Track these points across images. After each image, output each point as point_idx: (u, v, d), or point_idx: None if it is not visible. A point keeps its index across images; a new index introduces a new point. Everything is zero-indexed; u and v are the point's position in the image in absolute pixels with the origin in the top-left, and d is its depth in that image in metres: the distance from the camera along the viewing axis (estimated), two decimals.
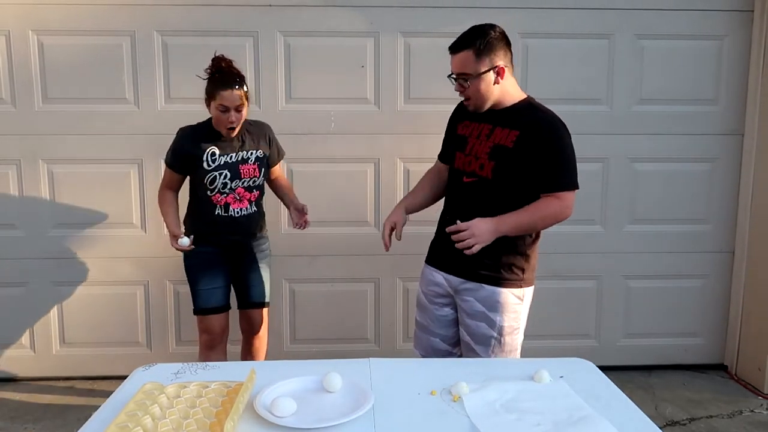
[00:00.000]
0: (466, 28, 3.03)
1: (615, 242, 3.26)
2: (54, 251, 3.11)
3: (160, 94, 3.04)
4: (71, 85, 3.01)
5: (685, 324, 3.35)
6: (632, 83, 3.16)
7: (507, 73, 1.98)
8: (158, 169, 3.08)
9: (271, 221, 3.13)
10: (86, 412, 2.83)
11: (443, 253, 2.11)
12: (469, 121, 2.08)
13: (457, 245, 1.91)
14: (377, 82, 3.10)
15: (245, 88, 2.40)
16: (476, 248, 1.90)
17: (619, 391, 1.55)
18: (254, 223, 2.58)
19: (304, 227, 2.62)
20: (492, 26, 1.99)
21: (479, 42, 1.94)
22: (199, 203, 2.49)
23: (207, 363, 1.70)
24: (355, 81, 3.09)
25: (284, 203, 2.73)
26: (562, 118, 2.01)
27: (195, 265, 2.52)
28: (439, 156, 2.28)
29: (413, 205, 2.24)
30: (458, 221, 1.94)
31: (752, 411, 2.93)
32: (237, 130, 2.43)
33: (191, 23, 3.01)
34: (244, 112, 2.42)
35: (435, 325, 2.15)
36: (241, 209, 2.49)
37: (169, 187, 2.54)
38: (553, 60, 3.12)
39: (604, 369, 1.69)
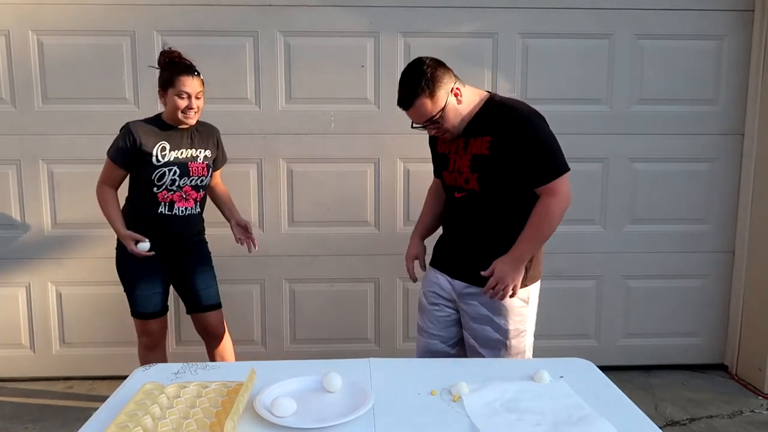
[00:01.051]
0: (466, 28, 3.07)
1: (615, 242, 3.27)
2: (54, 251, 3.12)
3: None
4: (71, 85, 3.02)
5: (685, 324, 3.36)
6: (632, 83, 3.16)
7: (462, 88, 1.94)
8: None
9: (271, 221, 3.14)
10: (86, 412, 2.84)
11: (447, 257, 2.11)
12: None
13: (497, 299, 1.92)
14: (377, 82, 3.10)
15: (201, 78, 2.38)
16: (517, 289, 1.92)
17: (619, 391, 1.54)
18: (196, 223, 2.53)
19: (251, 246, 2.55)
20: (420, 60, 1.92)
21: (424, 83, 1.86)
22: (141, 200, 2.42)
23: (207, 363, 1.70)
24: (355, 81, 3.09)
25: (223, 215, 2.65)
26: (542, 111, 1.94)
27: (132, 269, 2.44)
28: (434, 172, 2.26)
29: (425, 231, 2.28)
30: (482, 273, 1.93)
31: (752, 411, 2.93)
32: (194, 118, 2.38)
33: (191, 23, 3.01)
34: (202, 102, 2.39)
35: (434, 326, 2.14)
36: (186, 208, 2.44)
37: (110, 185, 2.43)
38: (553, 60, 3.12)
39: (604, 369, 1.69)
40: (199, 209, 2.50)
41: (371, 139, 3.13)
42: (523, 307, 2.00)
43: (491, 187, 1.94)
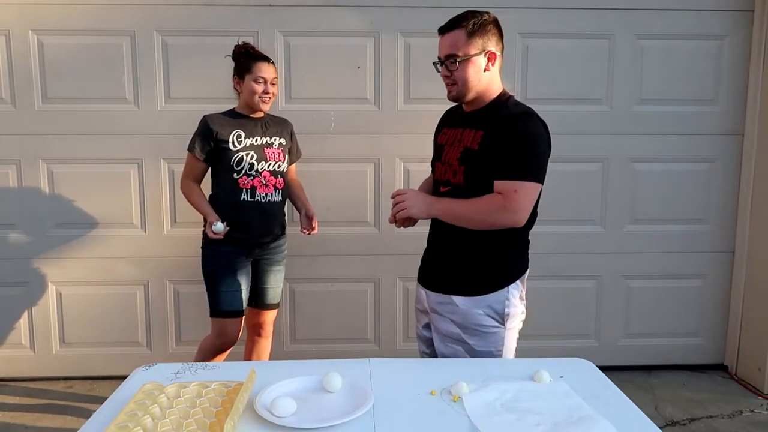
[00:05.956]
0: None
1: (615, 242, 3.26)
2: (54, 251, 3.11)
3: (160, 94, 3.05)
4: (71, 85, 3.02)
5: (685, 324, 3.35)
6: (632, 83, 3.15)
7: (497, 63, 1.84)
8: (158, 169, 3.09)
9: None
10: (86, 412, 2.84)
11: (425, 267, 2.00)
12: (447, 128, 1.97)
13: (392, 210, 1.84)
14: (377, 82, 3.10)
15: (276, 67, 2.48)
16: (402, 214, 1.82)
17: (619, 391, 1.54)
18: (279, 215, 2.56)
19: (310, 233, 2.62)
20: (487, 12, 1.84)
21: (472, 22, 1.78)
22: (224, 190, 2.45)
23: (207, 363, 1.70)
24: (355, 81, 3.09)
25: (296, 206, 2.70)
26: (542, 111, 1.83)
27: (217, 266, 2.46)
28: (431, 163, 2.10)
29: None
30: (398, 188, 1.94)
31: (752, 411, 2.93)
32: (269, 104, 2.47)
33: (191, 23, 3.01)
34: (276, 90, 2.48)
35: (423, 345, 2.04)
36: (267, 194, 2.47)
37: (193, 178, 2.49)
38: (553, 60, 3.12)
39: (604, 369, 1.69)
40: (280, 197, 2.53)
41: (371, 139, 3.13)
42: (498, 329, 1.83)
43: (476, 184, 1.79)
